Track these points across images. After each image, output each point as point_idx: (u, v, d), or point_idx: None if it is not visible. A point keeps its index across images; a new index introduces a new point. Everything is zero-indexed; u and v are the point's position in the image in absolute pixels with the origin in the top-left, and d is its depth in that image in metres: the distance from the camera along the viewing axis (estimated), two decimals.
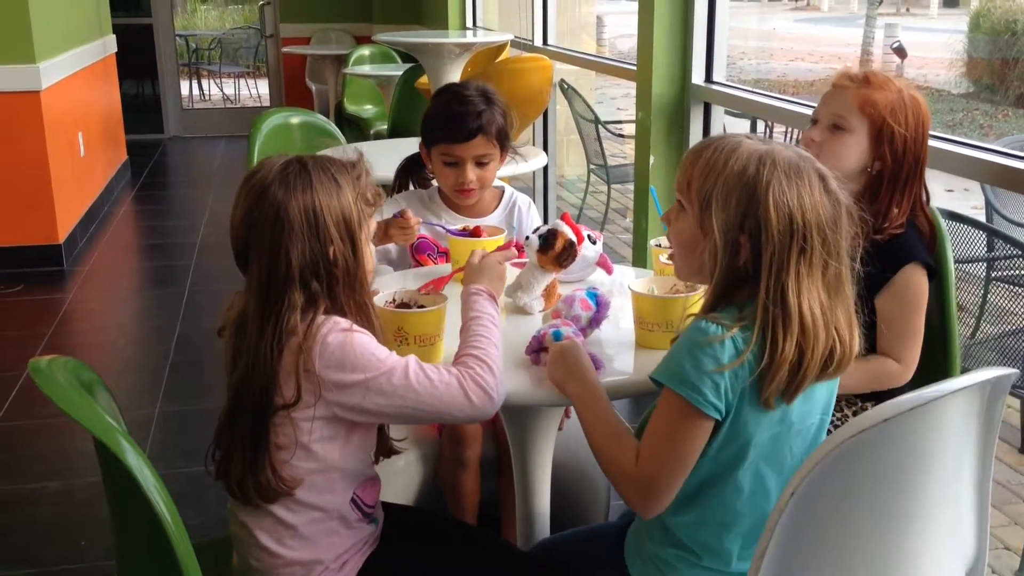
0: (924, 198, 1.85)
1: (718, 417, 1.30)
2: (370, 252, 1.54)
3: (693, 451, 1.32)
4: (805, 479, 1.13)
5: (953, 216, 2.66)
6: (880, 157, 1.79)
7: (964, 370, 2.74)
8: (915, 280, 1.78)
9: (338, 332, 1.40)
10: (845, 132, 1.80)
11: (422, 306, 1.66)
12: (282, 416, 1.41)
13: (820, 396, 1.39)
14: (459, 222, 2.27)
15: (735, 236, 1.29)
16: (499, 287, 1.66)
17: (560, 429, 1.87)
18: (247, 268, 1.45)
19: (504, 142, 2.24)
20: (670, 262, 1.52)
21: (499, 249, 1.81)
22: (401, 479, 2.26)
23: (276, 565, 1.48)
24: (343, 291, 1.45)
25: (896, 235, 1.80)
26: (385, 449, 1.62)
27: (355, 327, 1.43)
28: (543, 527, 1.87)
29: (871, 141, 1.79)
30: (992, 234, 3.07)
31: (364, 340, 1.42)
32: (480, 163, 2.22)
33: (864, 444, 1.14)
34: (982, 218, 3.65)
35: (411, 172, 2.41)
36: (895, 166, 1.79)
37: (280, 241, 1.40)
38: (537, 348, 1.59)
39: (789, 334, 1.27)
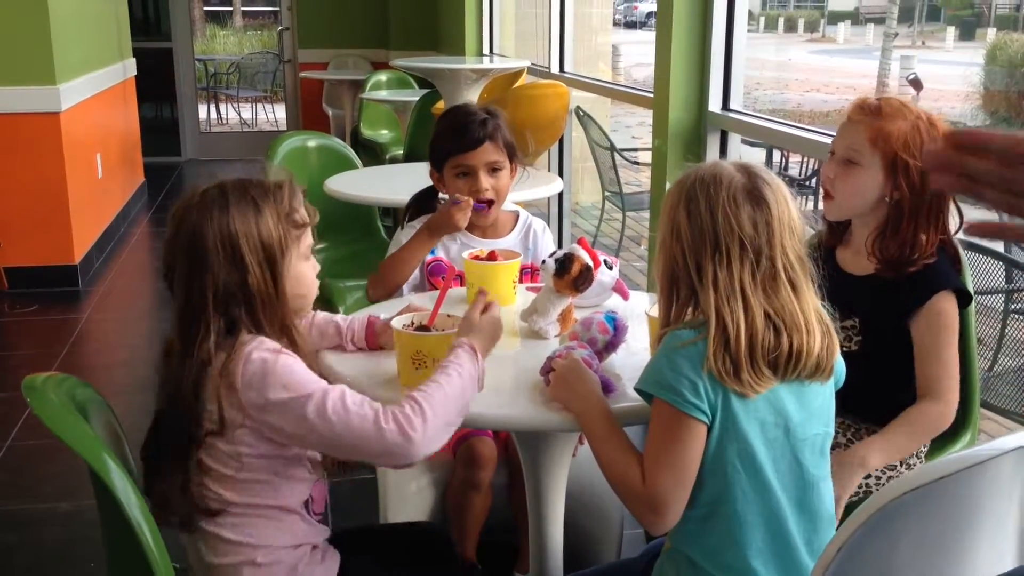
0: (950, 227, 1.82)
1: (702, 418, 1.31)
2: (309, 268, 1.53)
3: (691, 457, 1.33)
4: (854, 534, 1.11)
5: (971, 246, 2.64)
6: (897, 187, 1.77)
7: (983, 404, 2.71)
8: (947, 307, 1.77)
9: (263, 351, 1.39)
10: (857, 166, 1.79)
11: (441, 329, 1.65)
12: (211, 441, 1.40)
13: (819, 405, 1.40)
14: (476, 244, 2.27)
15: (669, 243, 1.40)
16: (488, 345, 1.56)
17: (574, 455, 1.86)
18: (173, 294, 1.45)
19: (512, 153, 2.27)
20: None
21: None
22: (413, 503, 2.25)
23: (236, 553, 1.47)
24: (264, 315, 1.43)
25: (928, 264, 1.78)
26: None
27: (283, 350, 1.41)
28: (556, 556, 1.85)
29: (885, 173, 1.77)
30: (1011, 265, 3.04)
31: (289, 362, 1.39)
32: (492, 171, 2.24)
33: (916, 501, 1.11)
34: (999, 250, 3.63)
35: (422, 206, 2.41)
36: (914, 196, 1.76)
37: (196, 269, 1.40)
38: (551, 370, 1.57)
39: (709, 321, 1.33)
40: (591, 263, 1.82)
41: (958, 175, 0.86)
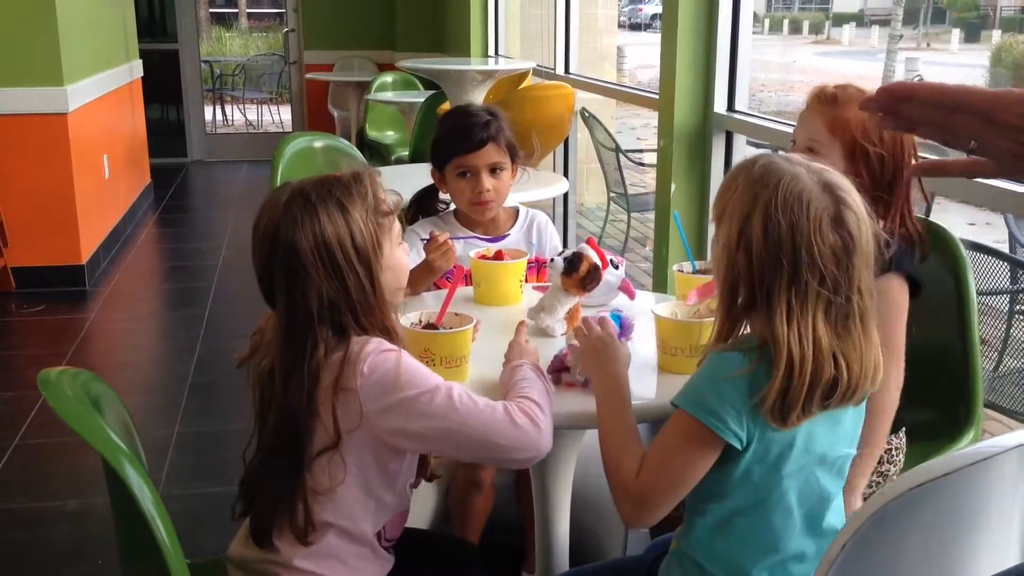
0: (907, 211, 1.78)
1: (739, 446, 1.29)
2: (403, 254, 1.52)
3: (696, 474, 1.32)
4: (857, 531, 1.10)
5: (976, 247, 2.65)
6: (857, 175, 1.73)
7: (988, 404, 2.72)
8: (892, 289, 1.71)
9: (380, 353, 1.38)
10: (818, 156, 1.75)
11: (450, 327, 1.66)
12: (323, 458, 1.39)
13: (848, 426, 1.38)
14: (478, 242, 2.28)
15: (734, 252, 1.28)
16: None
17: None
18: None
19: (514, 154, 2.28)
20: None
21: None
22: (416, 503, 2.25)
23: None
24: (367, 319, 1.42)
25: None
26: (427, 472, 1.60)
27: (400, 349, 1.40)
28: (562, 554, 1.86)
29: (846, 161, 1.75)
30: (1016, 265, 3.05)
31: (408, 360, 1.40)
32: (494, 172, 2.25)
33: (920, 498, 1.10)
34: (1004, 250, 3.63)
35: (423, 204, 2.42)
36: (873, 184, 1.73)
37: (297, 285, 1.38)
38: (559, 367, 1.58)
39: (779, 362, 1.25)
40: (599, 262, 1.83)
41: (897, 118, 0.94)
